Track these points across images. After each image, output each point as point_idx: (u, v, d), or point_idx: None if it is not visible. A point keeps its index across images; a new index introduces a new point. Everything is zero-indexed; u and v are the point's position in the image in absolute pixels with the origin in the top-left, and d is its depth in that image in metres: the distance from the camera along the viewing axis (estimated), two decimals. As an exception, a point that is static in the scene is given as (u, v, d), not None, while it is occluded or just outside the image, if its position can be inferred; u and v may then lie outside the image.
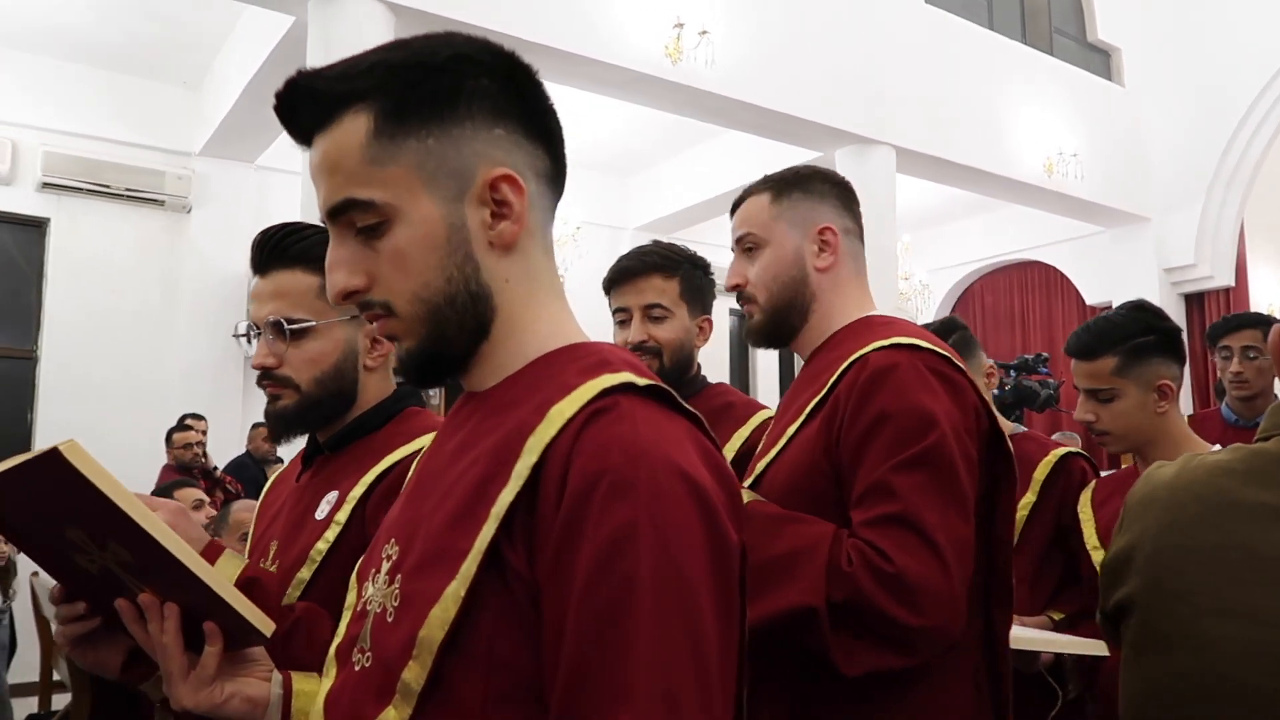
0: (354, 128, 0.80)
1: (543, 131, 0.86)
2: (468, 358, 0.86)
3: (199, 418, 5.60)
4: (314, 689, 0.99)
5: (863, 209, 1.53)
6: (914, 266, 8.99)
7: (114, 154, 6.65)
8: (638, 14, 5.63)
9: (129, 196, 6.71)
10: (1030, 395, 7.08)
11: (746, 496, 1.26)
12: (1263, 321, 2.95)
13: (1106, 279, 8.94)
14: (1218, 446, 1.86)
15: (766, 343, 1.48)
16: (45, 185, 6.46)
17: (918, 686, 1.23)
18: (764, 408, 1.85)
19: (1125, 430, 1.80)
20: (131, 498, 0.87)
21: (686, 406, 0.82)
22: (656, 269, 1.83)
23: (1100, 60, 8.80)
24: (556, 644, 0.72)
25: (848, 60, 6.56)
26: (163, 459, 5.54)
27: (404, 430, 1.32)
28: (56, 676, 4.75)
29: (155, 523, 0.87)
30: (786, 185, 1.46)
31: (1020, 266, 10.19)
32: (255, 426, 5.90)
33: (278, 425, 1.31)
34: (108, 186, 6.62)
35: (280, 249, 1.29)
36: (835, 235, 1.43)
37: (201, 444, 5.48)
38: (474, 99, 0.81)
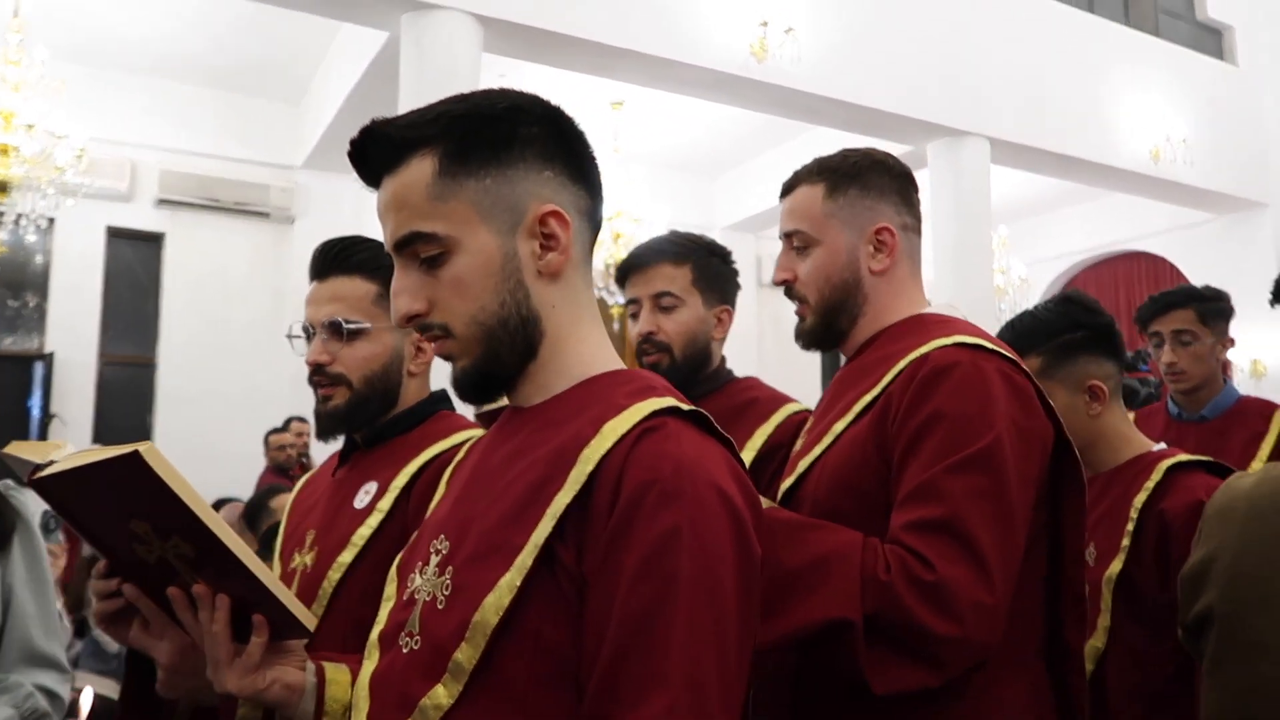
0: (420, 169, 0.89)
1: (585, 175, 0.95)
2: (517, 376, 0.95)
3: (304, 420, 5.83)
4: (345, 679, 1.08)
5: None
6: (1012, 260, 8.73)
7: (223, 170, 6.99)
8: (722, 15, 5.63)
9: (237, 210, 7.04)
10: (1129, 393, 6.81)
11: (764, 504, 1.23)
12: (1195, 298, 2.48)
13: (1220, 270, 8.48)
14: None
15: (816, 345, 1.40)
16: (161, 202, 6.82)
17: (961, 703, 1.15)
18: (791, 401, 1.75)
19: None
20: (199, 499, 0.95)
21: (720, 430, 0.90)
22: (665, 256, 1.74)
23: (1211, 39, 8.41)
24: (599, 630, 0.80)
25: (938, 51, 6.42)
26: (271, 461, 5.79)
27: (437, 430, 1.41)
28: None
29: (218, 522, 0.95)
30: (843, 180, 1.35)
31: (1126, 258, 9.79)
32: (273, 432, 5.82)
33: (328, 422, 1.39)
34: (218, 201, 6.95)
35: (342, 257, 1.39)
36: (893, 235, 1.35)
37: (301, 446, 5.70)
38: (526, 144, 0.91)
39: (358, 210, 7.08)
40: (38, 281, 6.78)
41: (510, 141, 0.90)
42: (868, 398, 1.26)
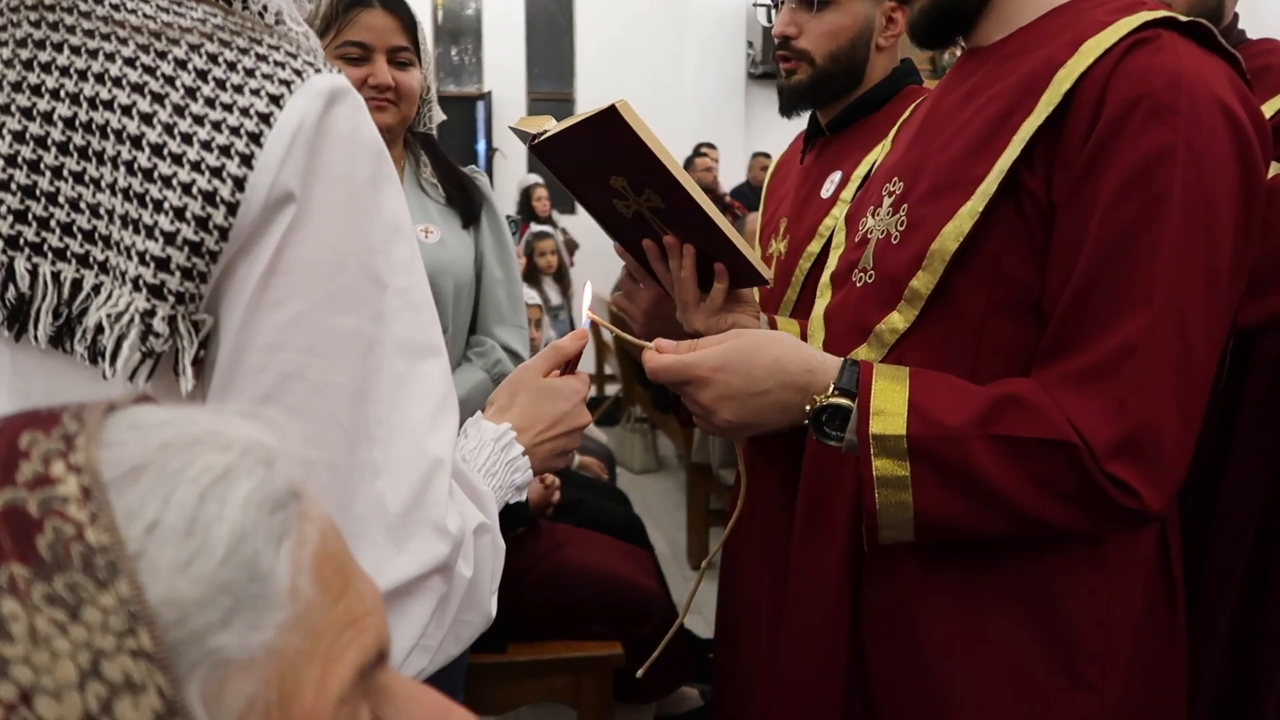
0: None
1: None
2: (979, 10, 0.89)
3: (711, 147, 5.97)
4: (795, 329, 1.16)
5: None
6: None
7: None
8: None
9: (638, -62, 7.05)
10: None
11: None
12: None
13: None
14: None
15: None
16: (569, -63, 7.01)
17: None
18: None
19: None
20: (667, 152, 1.00)
21: (1228, 47, 0.80)
22: None
23: None
24: (1070, 256, 0.77)
25: None
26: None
27: (902, 110, 1.32)
28: (608, 370, 5.63)
29: (684, 174, 1.01)
30: None
31: None
32: (755, 156, 6.14)
33: (791, 98, 1.37)
34: (620, -69, 7.00)
35: None
36: None
37: (713, 170, 5.85)
38: None
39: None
40: (472, 28, 7.43)
41: None
42: None
